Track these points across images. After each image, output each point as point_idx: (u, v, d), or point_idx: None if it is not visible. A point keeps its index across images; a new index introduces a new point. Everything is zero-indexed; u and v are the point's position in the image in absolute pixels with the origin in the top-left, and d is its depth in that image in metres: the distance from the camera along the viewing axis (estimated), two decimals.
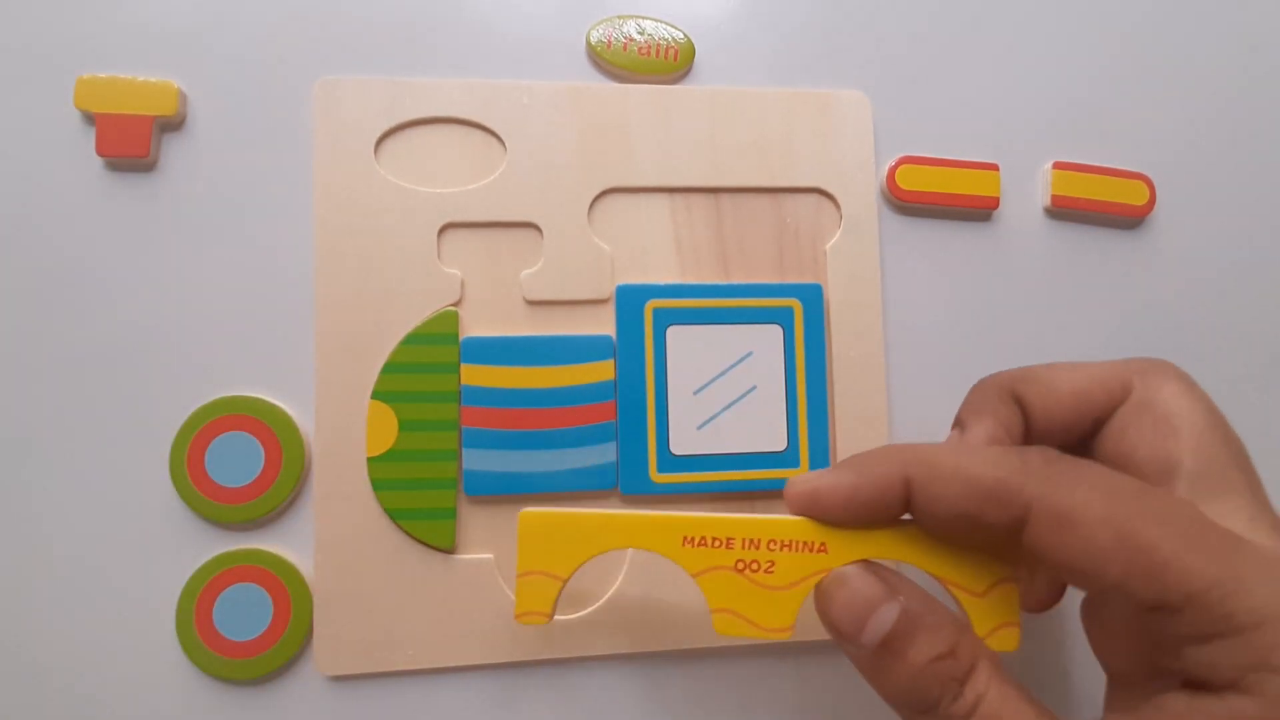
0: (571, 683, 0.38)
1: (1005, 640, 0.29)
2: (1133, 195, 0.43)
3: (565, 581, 0.31)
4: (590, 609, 0.38)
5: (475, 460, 0.37)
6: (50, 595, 0.36)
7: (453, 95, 0.39)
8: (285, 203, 0.38)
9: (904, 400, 0.41)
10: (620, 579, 0.38)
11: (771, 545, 0.29)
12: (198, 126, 0.38)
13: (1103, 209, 0.43)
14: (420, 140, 0.39)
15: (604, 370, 0.38)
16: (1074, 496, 0.25)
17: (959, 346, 0.42)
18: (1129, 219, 0.44)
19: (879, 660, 0.27)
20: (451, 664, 0.37)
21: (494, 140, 0.39)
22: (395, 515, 0.37)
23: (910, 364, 0.41)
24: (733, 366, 0.39)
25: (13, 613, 0.36)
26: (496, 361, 0.38)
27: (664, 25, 0.40)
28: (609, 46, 0.40)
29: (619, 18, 0.40)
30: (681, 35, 0.40)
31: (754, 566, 0.29)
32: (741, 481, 0.39)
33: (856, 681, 0.39)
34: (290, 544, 0.37)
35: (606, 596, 0.38)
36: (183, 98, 0.38)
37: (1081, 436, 0.32)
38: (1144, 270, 0.44)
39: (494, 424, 0.37)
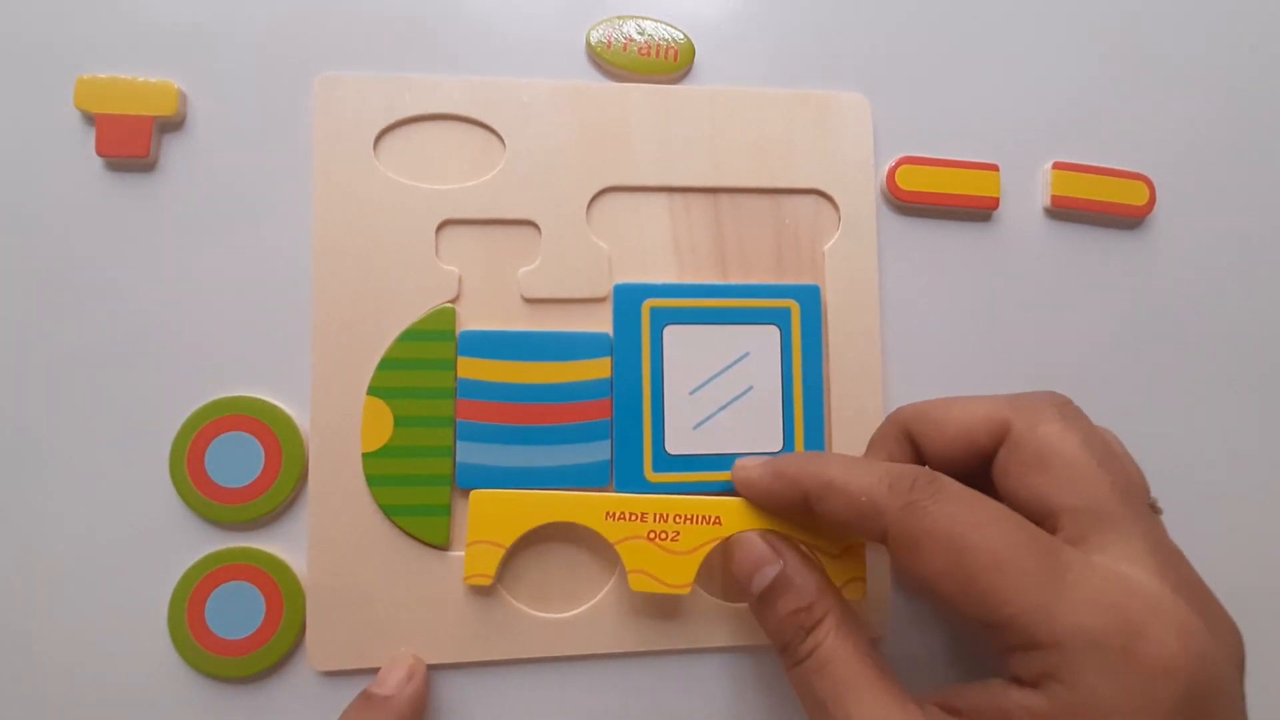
0: (564, 681, 0.38)
1: (853, 591, 0.36)
2: (1133, 195, 0.43)
3: (506, 549, 0.36)
4: (583, 608, 0.38)
5: (469, 454, 0.37)
6: (48, 595, 0.36)
7: (453, 92, 0.39)
8: (285, 202, 0.38)
9: (903, 401, 0.41)
10: (614, 579, 0.38)
11: (677, 519, 0.36)
12: (198, 126, 0.38)
13: (1103, 209, 0.43)
14: (419, 137, 0.39)
15: (601, 367, 0.38)
16: (921, 523, 0.29)
17: (958, 347, 0.42)
18: (1129, 219, 0.44)
19: (759, 605, 0.33)
20: (444, 660, 0.37)
21: (493, 138, 0.39)
22: (389, 511, 0.36)
23: (909, 364, 0.41)
24: (729, 367, 0.39)
25: (10, 613, 0.36)
26: (494, 355, 0.38)
27: (664, 25, 0.40)
28: (609, 46, 0.40)
29: (619, 18, 0.40)
30: (681, 35, 0.41)
31: (663, 536, 0.36)
32: None
33: None
34: (287, 543, 0.37)
35: (599, 596, 0.38)
36: (183, 98, 0.38)
37: (975, 472, 0.33)
38: (1144, 270, 0.44)
39: (489, 418, 0.37)
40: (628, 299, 0.39)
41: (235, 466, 0.37)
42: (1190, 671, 0.26)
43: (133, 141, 0.37)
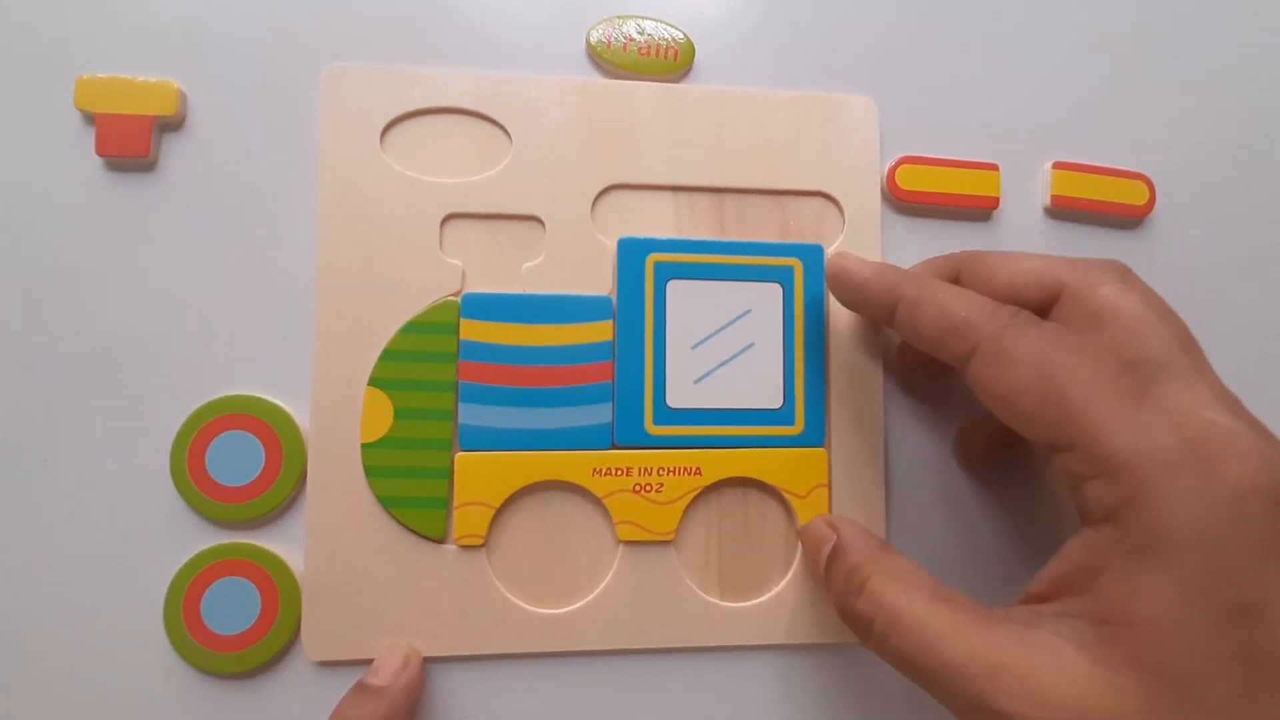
0: (559, 676, 0.38)
1: None
2: (1133, 195, 0.43)
3: (496, 509, 0.37)
4: (580, 604, 0.37)
5: (471, 416, 0.37)
6: (46, 594, 0.36)
7: (460, 86, 0.39)
8: (286, 202, 0.38)
9: (902, 405, 0.41)
10: (610, 574, 0.38)
11: (660, 471, 0.38)
12: (198, 126, 0.38)
13: (1103, 209, 0.43)
14: (426, 130, 0.39)
15: (602, 330, 0.38)
16: (1015, 343, 0.29)
17: None
18: (1129, 219, 0.44)
19: (825, 580, 0.34)
20: (439, 653, 0.36)
21: (500, 132, 0.39)
22: (387, 503, 0.36)
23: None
24: (732, 323, 0.39)
25: (9, 609, 0.36)
26: (496, 318, 0.38)
27: (664, 25, 0.41)
28: (609, 46, 0.40)
29: (619, 18, 0.40)
30: (681, 35, 0.41)
31: (648, 488, 0.38)
32: (736, 437, 0.39)
33: (851, 681, 0.40)
34: (284, 540, 0.37)
35: (596, 592, 0.38)
36: (183, 98, 0.38)
37: None
38: (1144, 270, 0.43)
39: (491, 380, 0.37)
40: (632, 252, 0.39)
41: (236, 465, 0.36)
42: (1276, 488, 0.25)
43: (133, 141, 0.37)
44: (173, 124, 0.38)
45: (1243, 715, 0.24)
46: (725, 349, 0.39)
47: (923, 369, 0.40)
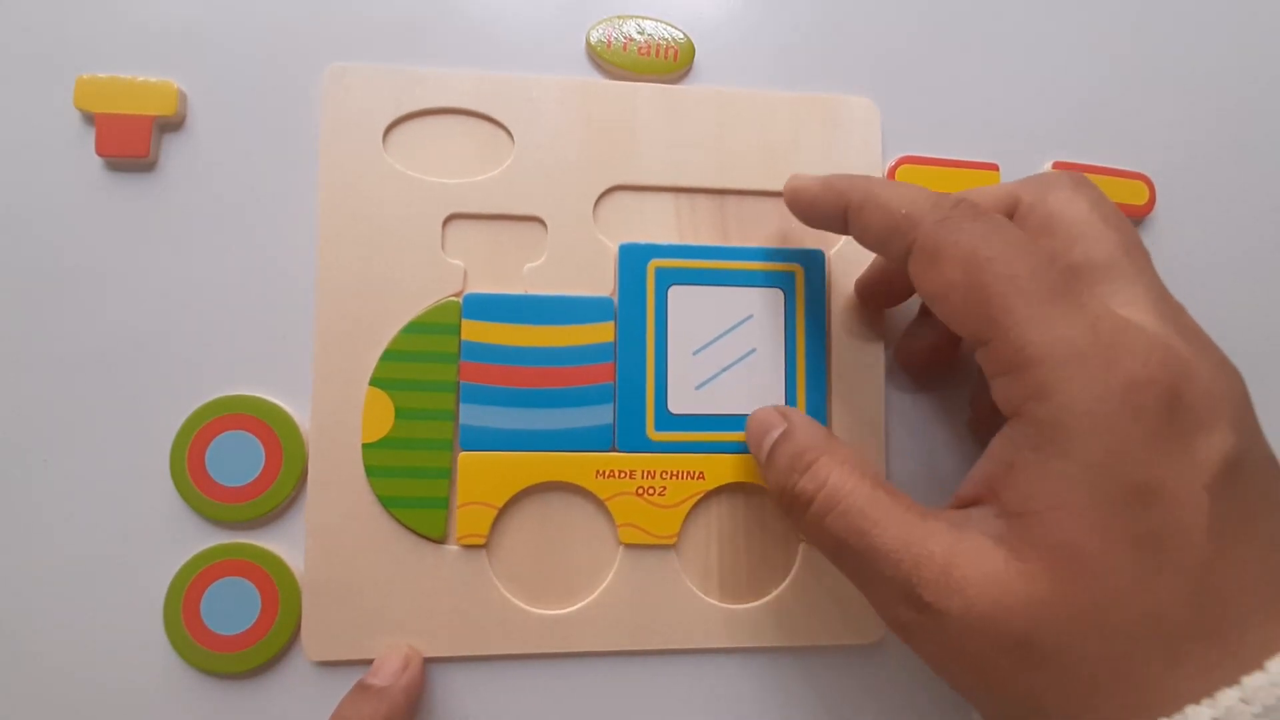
0: (559, 677, 0.38)
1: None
2: (1133, 195, 0.43)
3: (499, 509, 0.37)
4: (580, 605, 0.37)
5: (472, 416, 0.37)
6: (46, 594, 0.36)
7: (461, 87, 0.39)
8: (286, 202, 0.38)
9: (905, 408, 0.41)
10: (611, 575, 0.38)
11: (664, 475, 0.38)
12: (198, 126, 0.38)
13: None
14: (428, 130, 0.39)
15: (603, 332, 0.38)
16: (948, 238, 0.29)
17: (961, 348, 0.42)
18: (1129, 219, 0.43)
19: (766, 466, 0.34)
20: (440, 654, 0.36)
21: (501, 133, 0.39)
22: (387, 503, 0.36)
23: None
24: (733, 328, 0.39)
25: (8, 609, 0.36)
26: (497, 319, 0.38)
27: (664, 25, 0.41)
28: (609, 46, 0.40)
29: (619, 18, 0.40)
30: (681, 35, 0.41)
31: (650, 491, 0.38)
32: (738, 443, 0.38)
33: (849, 684, 0.39)
34: (284, 540, 0.37)
35: (597, 593, 0.38)
36: (183, 98, 0.38)
37: None
38: None
39: (493, 380, 0.37)
40: (633, 258, 0.39)
41: (236, 465, 0.36)
42: (1173, 383, 0.26)
43: (133, 141, 0.37)
44: (173, 124, 0.38)
45: (1144, 593, 0.25)
46: (727, 355, 0.39)
47: (924, 374, 0.41)
